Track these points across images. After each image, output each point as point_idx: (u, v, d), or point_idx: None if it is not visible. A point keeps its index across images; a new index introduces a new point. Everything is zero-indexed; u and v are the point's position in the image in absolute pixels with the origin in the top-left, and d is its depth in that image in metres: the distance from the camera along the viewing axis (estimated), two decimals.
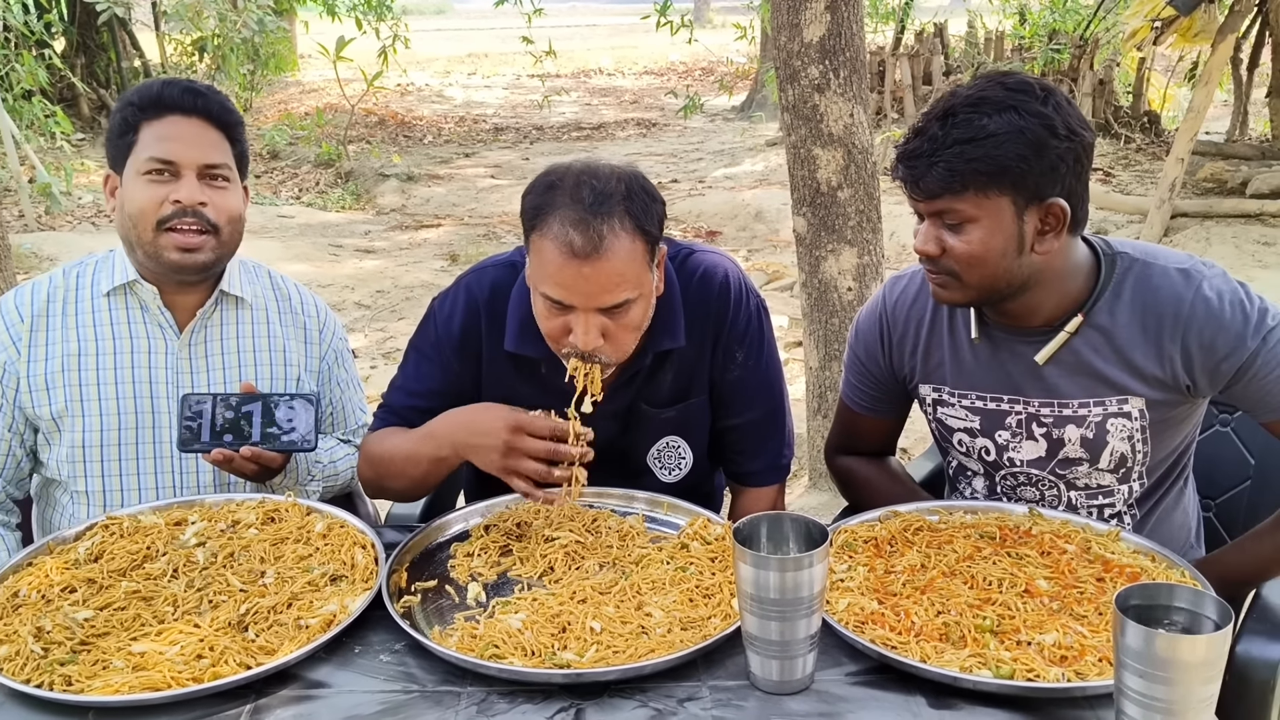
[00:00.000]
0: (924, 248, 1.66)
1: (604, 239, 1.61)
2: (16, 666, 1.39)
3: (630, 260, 1.64)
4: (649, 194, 1.69)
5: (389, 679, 1.43)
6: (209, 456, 1.82)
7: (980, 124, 1.57)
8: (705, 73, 17.26)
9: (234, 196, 1.92)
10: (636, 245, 1.65)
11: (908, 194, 1.67)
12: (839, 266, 3.62)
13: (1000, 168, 1.57)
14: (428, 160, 11.39)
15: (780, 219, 8.05)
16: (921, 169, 1.61)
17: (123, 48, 11.79)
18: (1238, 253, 6.72)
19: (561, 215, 1.62)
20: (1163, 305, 1.68)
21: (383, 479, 1.89)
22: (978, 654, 1.39)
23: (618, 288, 1.64)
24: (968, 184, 1.58)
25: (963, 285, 1.67)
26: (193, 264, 1.88)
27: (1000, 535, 1.67)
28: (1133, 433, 1.75)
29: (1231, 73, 8.89)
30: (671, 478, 1.97)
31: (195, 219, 1.86)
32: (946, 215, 1.63)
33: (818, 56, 3.42)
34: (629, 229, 1.63)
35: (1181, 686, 1.15)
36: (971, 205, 1.60)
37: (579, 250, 1.60)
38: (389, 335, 6.10)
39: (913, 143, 1.63)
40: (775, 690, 1.38)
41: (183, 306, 1.96)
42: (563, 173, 1.68)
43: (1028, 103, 1.58)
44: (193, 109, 1.87)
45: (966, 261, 1.64)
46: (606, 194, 1.63)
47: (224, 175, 1.90)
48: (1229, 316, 1.65)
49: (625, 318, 1.68)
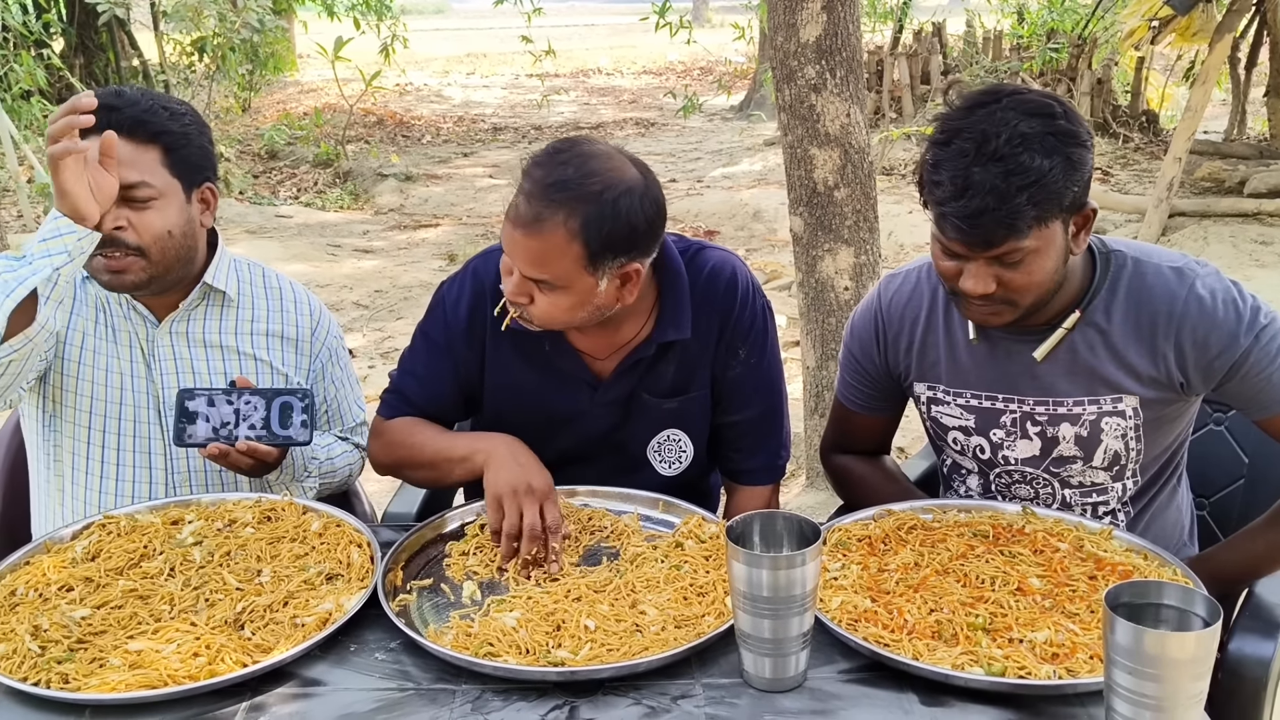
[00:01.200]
0: (983, 290, 1.61)
1: (541, 222, 1.64)
2: (14, 665, 1.40)
3: (558, 255, 1.66)
4: (625, 218, 1.66)
5: (384, 677, 1.43)
6: (205, 451, 1.82)
7: (1035, 165, 1.52)
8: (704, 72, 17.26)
9: (158, 214, 1.82)
10: (572, 248, 1.65)
11: (959, 248, 1.60)
12: (836, 266, 3.62)
13: (1058, 198, 1.55)
14: (426, 160, 11.39)
15: (778, 218, 8.05)
16: (987, 226, 1.54)
17: (121, 48, 11.78)
18: (1235, 252, 6.73)
19: (530, 178, 1.67)
20: (1156, 303, 1.69)
21: (404, 466, 1.94)
22: (970, 652, 1.40)
23: (535, 267, 1.68)
24: (1031, 225, 1.56)
25: (1016, 309, 1.65)
26: (121, 285, 1.84)
27: (993, 534, 1.67)
28: (1126, 431, 1.76)
29: (1229, 72, 8.90)
30: (671, 471, 1.98)
31: (115, 246, 1.79)
32: (1006, 256, 1.59)
33: (814, 56, 3.43)
34: (572, 229, 1.64)
35: (1170, 683, 1.16)
36: (1033, 240, 1.57)
37: (516, 218, 1.66)
38: (387, 335, 6.10)
39: (967, 200, 1.53)
40: (768, 688, 1.39)
41: (158, 305, 1.96)
42: (572, 146, 1.70)
43: (1057, 124, 1.55)
44: (105, 127, 1.70)
45: (1023, 290, 1.62)
46: (577, 189, 1.64)
47: (143, 195, 1.79)
48: (1222, 315, 1.66)
49: (545, 296, 1.71)
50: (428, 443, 1.88)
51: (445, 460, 1.85)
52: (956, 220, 1.56)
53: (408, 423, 1.93)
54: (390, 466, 1.95)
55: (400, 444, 1.92)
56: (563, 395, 1.89)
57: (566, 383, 1.89)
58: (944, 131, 1.59)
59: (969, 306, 1.69)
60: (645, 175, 1.71)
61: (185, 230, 1.88)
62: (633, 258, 1.71)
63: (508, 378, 1.90)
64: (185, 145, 1.86)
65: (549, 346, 1.86)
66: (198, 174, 1.89)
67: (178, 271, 1.91)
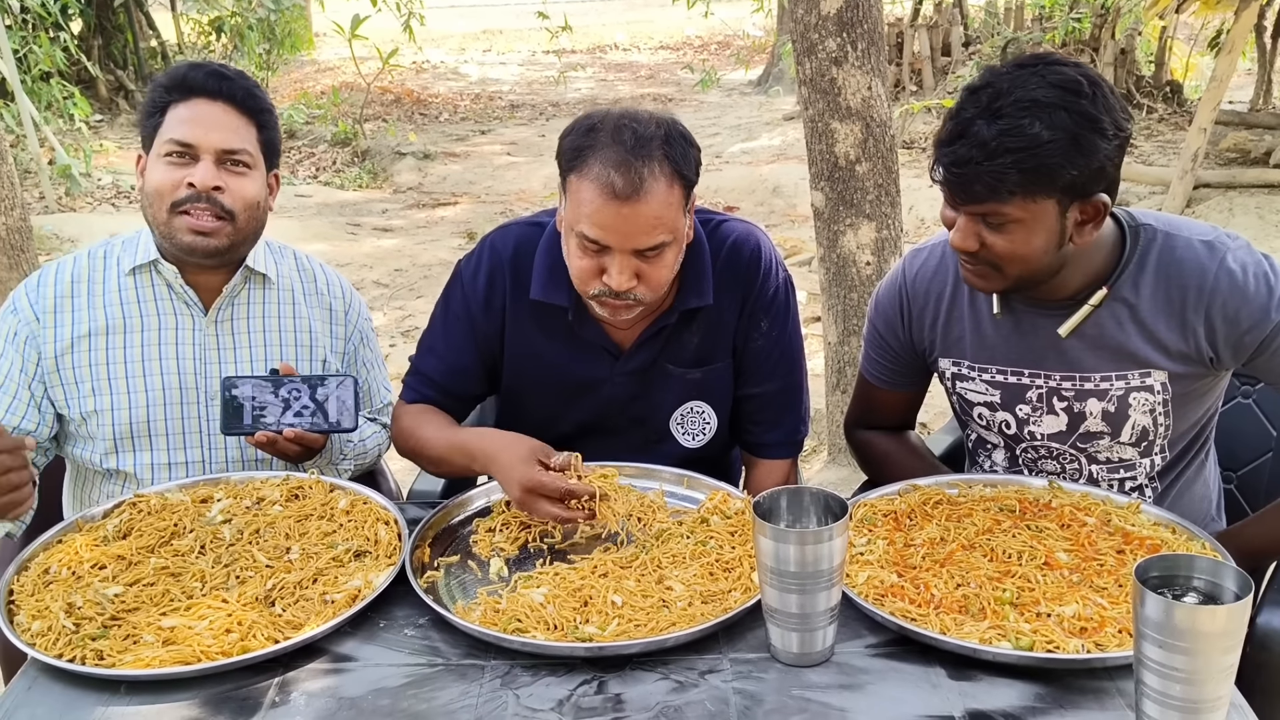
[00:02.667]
0: (963, 244, 1.63)
1: (644, 181, 1.64)
2: (49, 641, 1.42)
3: (667, 204, 1.67)
4: (686, 139, 1.72)
5: (414, 652, 1.45)
6: (253, 439, 1.84)
7: (1032, 132, 1.50)
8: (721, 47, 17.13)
9: (253, 183, 1.91)
10: (674, 190, 1.68)
11: (947, 196, 1.62)
12: (857, 241, 3.60)
13: (1050, 174, 1.53)
14: (444, 138, 11.37)
15: (798, 193, 8.01)
16: (969, 177, 1.55)
17: (139, 28, 11.80)
18: (1261, 223, 6.65)
19: (603, 156, 1.65)
20: (1187, 278, 1.67)
21: (417, 456, 1.95)
22: (997, 626, 1.40)
23: (654, 230, 1.67)
24: (1015, 191, 1.54)
25: (1002, 276, 1.65)
26: (205, 248, 1.88)
27: (1020, 508, 1.67)
28: (1154, 406, 1.75)
29: (1255, 41, 8.77)
30: (695, 443, 1.98)
31: (209, 204, 1.86)
32: (989, 216, 1.59)
33: (835, 29, 3.40)
34: (668, 173, 1.67)
35: (1201, 657, 1.15)
36: (1017, 209, 1.56)
37: (619, 191, 1.64)
38: (408, 314, 6.12)
39: (958, 146, 1.55)
40: (795, 662, 1.40)
41: (206, 286, 1.97)
42: (602, 116, 1.71)
43: (1076, 102, 1.52)
44: (217, 93, 1.87)
45: (1007, 258, 1.61)
46: (647, 137, 1.67)
47: (244, 161, 1.89)
48: (1253, 289, 1.64)
49: (659, 260, 1.71)
50: (431, 442, 1.89)
51: (448, 464, 1.88)
52: (942, 166, 1.58)
53: (417, 413, 1.94)
54: (407, 454, 1.98)
55: (411, 435, 1.93)
56: (583, 364, 1.90)
57: (587, 352, 1.89)
58: (980, 81, 1.60)
59: (961, 265, 1.70)
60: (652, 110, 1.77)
61: (263, 206, 1.96)
62: (696, 180, 1.75)
63: (528, 348, 1.90)
64: (273, 128, 1.97)
65: (571, 316, 1.86)
66: (274, 157, 1.99)
67: (247, 247, 1.96)
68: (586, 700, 1.34)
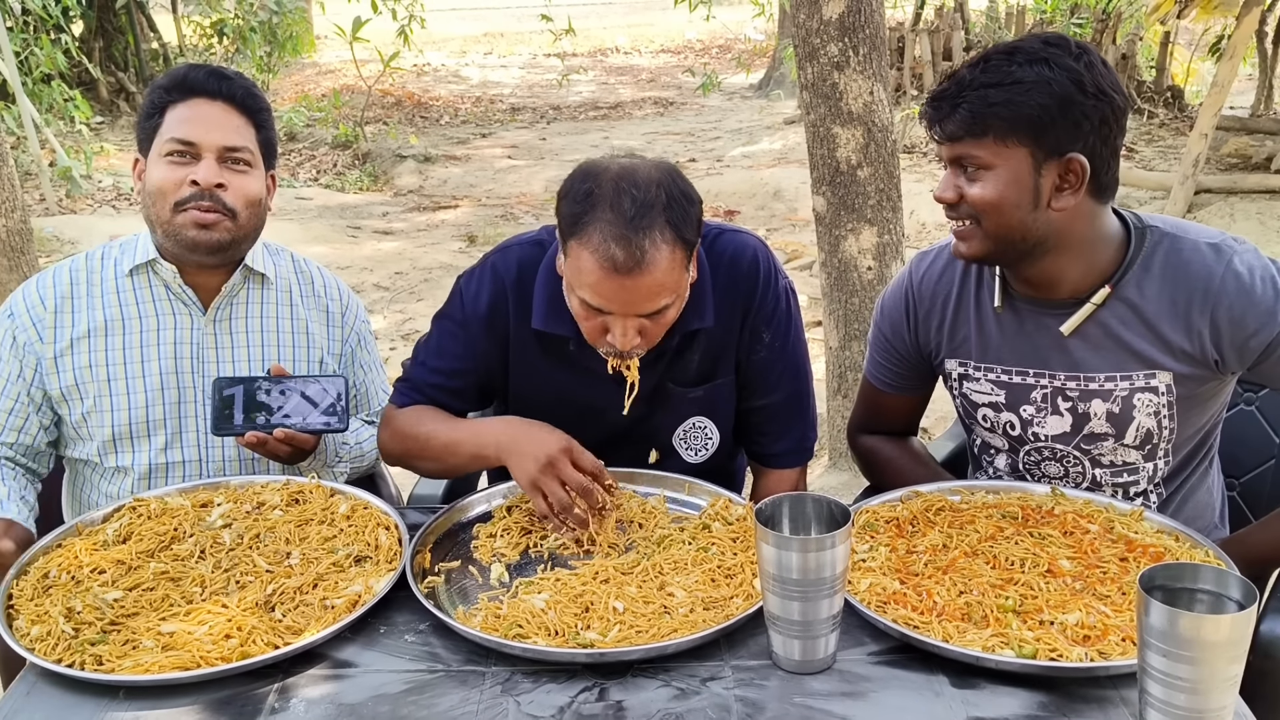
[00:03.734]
0: (943, 195, 1.69)
1: (645, 253, 1.60)
2: (48, 646, 1.41)
3: (670, 270, 1.64)
4: (687, 197, 1.67)
5: (414, 659, 1.44)
6: (243, 440, 1.84)
7: (1009, 70, 1.59)
8: (722, 51, 17.14)
9: (253, 181, 1.92)
10: (676, 254, 1.64)
11: (930, 136, 1.69)
12: (859, 245, 3.60)
13: (1020, 115, 1.58)
14: (445, 141, 11.37)
15: (799, 197, 8.01)
16: (945, 110, 1.63)
17: (141, 31, 11.81)
18: (1262, 229, 6.65)
19: (602, 229, 1.60)
20: (1193, 279, 1.67)
21: (412, 457, 1.90)
22: (1000, 634, 1.39)
23: (657, 296, 1.65)
24: (987, 129, 1.60)
25: (982, 234, 1.67)
26: (208, 241, 1.88)
27: (1022, 515, 1.67)
28: (1159, 408, 1.74)
29: (1256, 46, 8.78)
30: (697, 459, 1.97)
31: (212, 201, 1.86)
32: (966, 160, 1.64)
33: (837, 34, 3.40)
34: (669, 240, 1.62)
35: (1206, 666, 1.15)
36: (989, 152, 1.61)
37: (621, 266, 1.60)
38: (408, 317, 6.12)
39: (943, 84, 1.66)
40: (797, 670, 1.39)
41: (204, 286, 1.97)
42: (599, 176, 1.65)
43: (1060, 57, 1.59)
44: (216, 93, 1.89)
45: (982, 209, 1.65)
46: (648, 204, 1.61)
47: (244, 159, 1.90)
48: (1260, 292, 1.64)
49: (662, 319, 1.70)
50: (435, 435, 1.85)
51: (453, 454, 1.84)
52: (926, 104, 1.68)
53: (416, 412, 1.90)
54: (398, 456, 1.93)
55: (408, 434, 1.89)
56: (588, 390, 1.88)
57: (592, 378, 1.87)
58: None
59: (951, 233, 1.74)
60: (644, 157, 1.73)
61: (263, 205, 1.96)
62: (697, 239, 1.72)
63: (533, 373, 1.88)
64: (271, 128, 1.98)
65: (574, 346, 1.84)
66: (272, 158, 1.99)
67: (247, 245, 1.96)
68: (588, 707, 1.33)
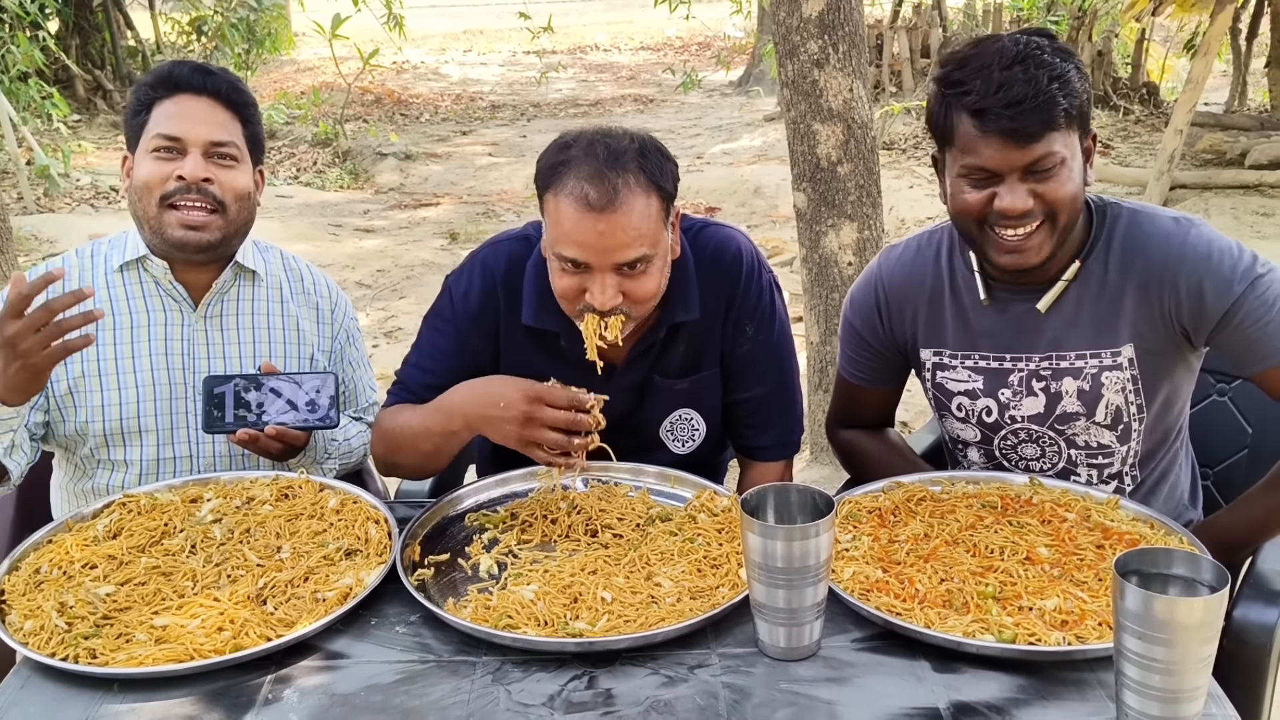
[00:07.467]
0: (1021, 205, 1.64)
1: (619, 192, 1.64)
2: (41, 640, 1.43)
3: (645, 216, 1.67)
4: (662, 153, 1.73)
5: (405, 650, 1.46)
6: (234, 437, 1.84)
7: (1056, 62, 1.62)
8: (702, 48, 17.15)
9: (241, 175, 1.93)
10: (651, 201, 1.68)
11: (1000, 148, 1.62)
12: (839, 241, 3.63)
13: (1074, 104, 1.63)
14: (425, 138, 11.35)
15: (779, 194, 8.04)
16: (1028, 112, 1.59)
17: (118, 27, 11.73)
18: (1237, 224, 6.73)
19: (577, 171, 1.66)
20: (1151, 250, 1.73)
21: (394, 455, 1.90)
22: (980, 620, 1.42)
23: (634, 243, 1.67)
24: (1058, 123, 1.62)
25: (1054, 230, 1.68)
26: (196, 242, 1.89)
27: (1001, 504, 1.70)
28: (1125, 384, 1.78)
29: (1230, 43, 8.88)
30: (684, 450, 1.99)
31: (200, 195, 1.87)
32: (1044, 161, 1.63)
33: (817, 31, 3.43)
34: (644, 184, 1.67)
35: (1180, 648, 1.18)
36: (1062, 145, 1.64)
37: (594, 203, 1.64)
38: (390, 314, 6.12)
39: (1005, 92, 1.59)
40: (783, 657, 1.42)
41: (194, 283, 1.98)
42: (576, 134, 1.73)
43: (1055, 43, 1.66)
44: (202, 88, 1.90)
45: (1060, 204, 1.66)
46: (621, 150, 1.68)
47: (231, 154, 1.91)
48: (1216, 260, 1.69)
49: (643, 277, 1.71)
50: (408, 425, 1.84)
51: (427, 439, 1.82)
52: (998, 112, 1.60)
53: (393, 410, 1.90)
54: (385, 460, 1.93)
55: (387, 431, 1.89)
56: (577, 383, 1.89)
57: (581, 371, 1.88)
58: (951, 62, 1.68)
59: (1001, 244, 1.69)
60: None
61: (252, 199, 1.97)
62: (674, 194, 1.75)
63: (524, 369, 1.89)
64: (257, 123, 1.99)
65: (564, 341, 1.86)
66: (259, 153, 2.00)
67: (238, 240, 1.97)
68: (577, 695, 1.35)
